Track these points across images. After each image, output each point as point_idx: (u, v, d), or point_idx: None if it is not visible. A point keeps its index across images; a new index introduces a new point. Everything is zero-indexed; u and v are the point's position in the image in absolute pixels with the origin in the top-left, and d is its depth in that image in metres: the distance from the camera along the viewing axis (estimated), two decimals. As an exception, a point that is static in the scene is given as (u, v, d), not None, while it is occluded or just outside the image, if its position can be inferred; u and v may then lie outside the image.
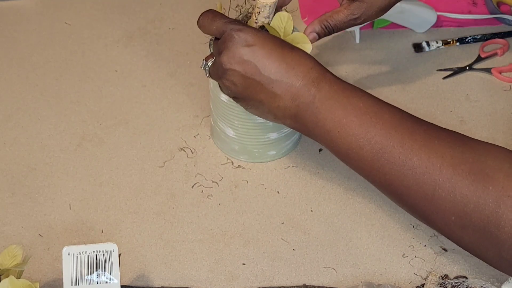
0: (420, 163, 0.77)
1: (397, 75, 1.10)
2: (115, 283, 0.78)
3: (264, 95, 0.84)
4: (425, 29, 1.15)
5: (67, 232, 0.92)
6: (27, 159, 1.00)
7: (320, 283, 0.87)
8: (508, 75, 1.09)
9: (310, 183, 0.97)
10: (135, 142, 1.02)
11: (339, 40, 1.15)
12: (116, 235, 0.91)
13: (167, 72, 1.11)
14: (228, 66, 0.84)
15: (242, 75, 0.84)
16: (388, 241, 0.90)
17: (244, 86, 0.84)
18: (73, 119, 1.05)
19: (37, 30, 1.18)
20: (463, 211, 0.75)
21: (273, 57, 0.83)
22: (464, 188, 0.75)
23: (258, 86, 0.84)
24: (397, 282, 0.86)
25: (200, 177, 0.98)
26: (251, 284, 0.87)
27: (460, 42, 1.14)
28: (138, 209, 0.94)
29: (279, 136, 0.97)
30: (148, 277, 0.87)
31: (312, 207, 0.94)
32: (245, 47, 0.83)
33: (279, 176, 0.98)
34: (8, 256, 0.81)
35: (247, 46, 0.83)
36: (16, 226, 0.92)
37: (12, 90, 1.09)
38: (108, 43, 1.16)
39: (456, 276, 0.86)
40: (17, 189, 0.96)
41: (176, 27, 1.18)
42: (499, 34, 1.15)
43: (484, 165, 0.75)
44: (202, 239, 0.91)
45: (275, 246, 0.90)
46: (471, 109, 1.05)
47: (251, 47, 0.83)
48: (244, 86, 0.84)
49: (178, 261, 0.89)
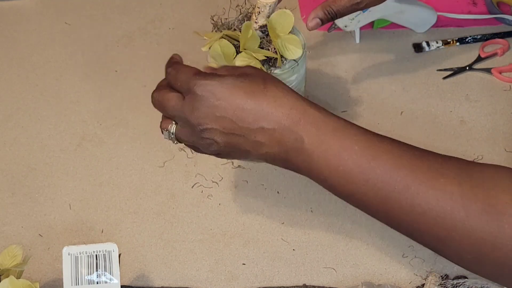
0: (430, 207, 0.72)
1: (397, 75, 1.10)
2: (115, 283, 0.78)
3: (249, 145, 0.77)
4: (425, 29, 1.15)
5: (67, 232, 0.92)
6: (27, 159, 1.00)
7: (320, 283, 0.87)
8: (508, 75, 1.09)
9: (310, 183, 0.96)
10: (135, 142, 1.02)
11: (339, 40, 1.15)
12: (116, 235, 0.91)
13: (167, 72, 1.11)
14: (204, 126, 0.76)
15: (220, 132, 0.76)
16: (388, 241, 0.90)
17: (226, 142, 0.77)
18: (73, 119, 1.05)
19: (37, 30, 1.18)
20: (480, 251, 0.72)
21: (247, 105, 0.75)
22: (479, 230, 0.71)
23: (241, 139, 0.77)
24: (397, 282, 0.86)
25: (200, 177, 0.98)
26: (251, 284, 0.87)
27: (460, 42, 1.14)
28: (138, 209, 0.94)
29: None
30: (148, 277, 0.87)
31: (312, 207, 0.94)
32: (215, 102, 0.75)
33: (279, 176, 0.98)
34: (8, 256, 0.81)
35: (217, 101, 0.75)
36: (16, 226, 0.92)
37: (12, 90, 1.09)
38: (108, 43, 1.16)
39: (456, 276, 0.86)
40: (17, 189, 0.96)
41: (176, 27, 1.18)
42: (499, 34, 1.15)
43: (496, 200, 0.71)
44: (202, 239, 0.91)
45: (275, 246, 0.90)
46: (471, 109, 1.05)
47: (221, 101, 0.75)
48: (226, 141, 0.77)
49: (178, 261, 0.89)
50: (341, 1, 0.92)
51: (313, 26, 0.92)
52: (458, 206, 0.71)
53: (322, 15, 0.92)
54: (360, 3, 0.92)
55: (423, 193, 0.72)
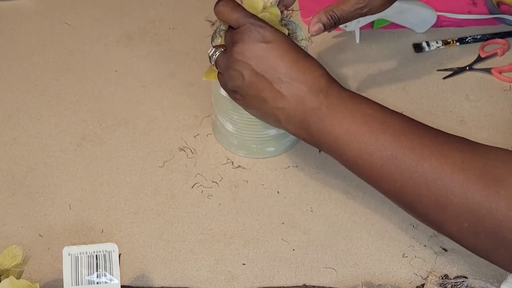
0: (431, 169, 0.77)
1: (397, 75, 1.10)
2: (115, 283, 0.78)
3: (269, 93, 0.84)
4: (425, 29, 1.15)
5: (67, 232, 0.92)
6: (27, 159, 1.00)
7: (320, 283, 0.87)
8: (508, 75, 1.09)
9: (310, 183, 0.97)
10: (135, 142, 1.02)
11: (339, 40, 1.15)
12: (116, 235, 0.91)
13: (167, 72, 1.11)
14: (240, 57, 0.83)
15: (252, 69, 0.83)
16: (388, 241, 0.90)
17: (251, 81, 0.84)
18: (73, 119, 1.05)
19: (37, 30, 1.18)
20: (476, 217, 0.75)
21: (287, 58, 0.83)
22: (476, 193, 0.75)
23: (266, 84, 0.83)
24: (397, 282, 0.86)
25: (200, 177, 0.98)
26: (251, 284, 0.87)
27: (460, 42, 1.14)
28: (138, 209, 0.94)
29: (278, 132, 0.97)
30: (148, 277, 0.87)
31: (312, 207, 0.94)
32: (262, 43, 0.83)
33: (279, 176, 0.98)
34: (8, 256, 0.81)
35: (264, 43, 0.83)
36: (16, 226, 0.92)
37: (12, 90, 1.09)
38: (108, 43, 1.16)
39: (456, 276, 0.86)
40: (17, 189, 0.96)
41: (176, 27, 1.18)
42: (499, 34, 1.15)
43: (494, 169, 0.75)
44: (202, 239, 0.91)
45: (275, 246, 0.90)
46: (471, 109, 1.05)
47: (268, 44, 0.83)
48: (251, 81, 0.84)
49: (178, 261, 0.89)
50: (345, 6, 0.91)
51: (316, 31, 0.91)
52: (458, 170, 0.76)
53: (325, 20, 0.91)
54: (364, 7, 0.91)
55: (426, 155, 0.77)
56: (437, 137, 0.79)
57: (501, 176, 0.74)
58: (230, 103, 0.93)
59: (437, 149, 0.78)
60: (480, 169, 0.75)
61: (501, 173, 0.74)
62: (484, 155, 0.77)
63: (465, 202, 0.75)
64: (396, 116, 0.82)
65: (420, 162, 0.77)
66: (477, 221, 0.75)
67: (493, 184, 0.74)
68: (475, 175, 0.75)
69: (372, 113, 0.81)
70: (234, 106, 0.93)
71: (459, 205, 0.76)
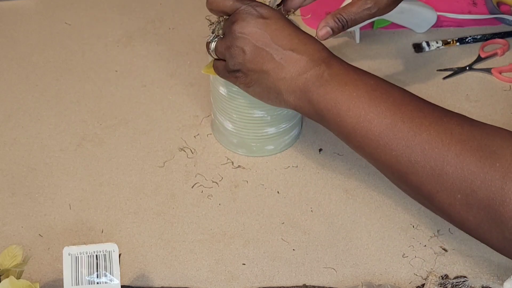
0: (429, 138, 0.77)
1: (397, 75, 1.10)
2: (115, 283, 0.78)
3: (271, 65, 0.84)
4: (425, 29, 1.15)
5: (67, 232, 0.92)
6: (27, 159, 1.00)
7: (320, 283, 0.87)
8: (508, 75, 1.09)
9: (310, 183, 0.97)
10: (135, 142, 1.02)
11: (339, 40, 1.15)
12: (116, 235, 0.91)
13: (167, 72, 1.11)
14: (240, 34, 0.85)
15: (252, 44, 0.84)
16: (388, 241, 0.90)
17: (253, 55, 0.85)
18: (73, 119, 1.05)
19: (37, 30, 1.18)
20: (470, 188, 0.75)
21: (286, 31, 0.85)
22: (471, 164, 0.75)
23: (267, 56, 0.84)
24: (397, 282, 0.86)
25: (200, 177, 0.98)
26: (251, 284, 0.87)
27: (460, 42, 1.14)
28: (138, 209, 0.94)
29: (277, 131, 0.97)
30: (148, 277, 0.87)
31: (312, 207, 0.94)
32: (260, 19, 0.85)
33: (279, 176, 0.98)
34: (8, 256, 0.81)
35: (262, 18, 0.85)
36: (16, 226, 0.92)
37: (12, 90, 1.09)
38: (108, 43, 1.16)
39: (456, 276, 0.86)
40: (17, 189, 0.96)
41: (176, 27, 1.18)
42: (499, 34, 1.15)
43: (492, 142, 0.75)
44: (202, 239, 0.91)
45: (275, 246, 0.90)
46: (471, 109, 1.05)
47: (266, 20, 0.85)
48: (253, 55, 0.85)
49: (178, 261, 0.89)
50: (352, 8, 0.90)
51: (324, 35, 0.90)
52: (456, 141, 0.77)
53: (333, 23, 0.90)
54: (371, 8, 0.90)
55: (425, 125, 0.78)
56: (437, 110, 0.80)
57: (498, 149, 0.75)
58: (229, 101, 0.93)
59: (436, 121, 0.78)
60: (478, 141, 0.76)
61: (498, 147, 0.75)
62: (483, 130, 0.77)
63: (460, 172, 0.76)
64: (397, 88, 0.83)
65: (419, 131, 0.78)
66: (470, 192, 0.75)
67: (489, 156, 0.75)
68: (472, 147, 0.76)
69: (374, 83, 0.82)
70: (233, 104, 0.93)
71: (454, 175, 0.76)
